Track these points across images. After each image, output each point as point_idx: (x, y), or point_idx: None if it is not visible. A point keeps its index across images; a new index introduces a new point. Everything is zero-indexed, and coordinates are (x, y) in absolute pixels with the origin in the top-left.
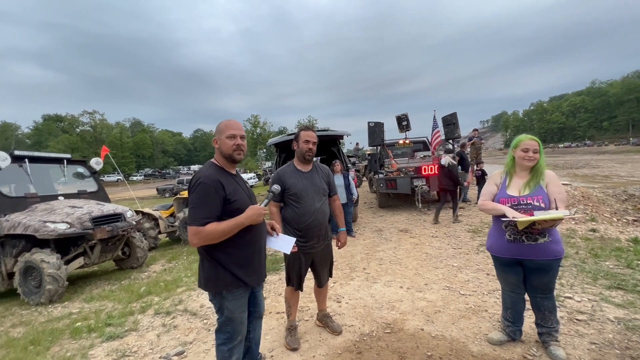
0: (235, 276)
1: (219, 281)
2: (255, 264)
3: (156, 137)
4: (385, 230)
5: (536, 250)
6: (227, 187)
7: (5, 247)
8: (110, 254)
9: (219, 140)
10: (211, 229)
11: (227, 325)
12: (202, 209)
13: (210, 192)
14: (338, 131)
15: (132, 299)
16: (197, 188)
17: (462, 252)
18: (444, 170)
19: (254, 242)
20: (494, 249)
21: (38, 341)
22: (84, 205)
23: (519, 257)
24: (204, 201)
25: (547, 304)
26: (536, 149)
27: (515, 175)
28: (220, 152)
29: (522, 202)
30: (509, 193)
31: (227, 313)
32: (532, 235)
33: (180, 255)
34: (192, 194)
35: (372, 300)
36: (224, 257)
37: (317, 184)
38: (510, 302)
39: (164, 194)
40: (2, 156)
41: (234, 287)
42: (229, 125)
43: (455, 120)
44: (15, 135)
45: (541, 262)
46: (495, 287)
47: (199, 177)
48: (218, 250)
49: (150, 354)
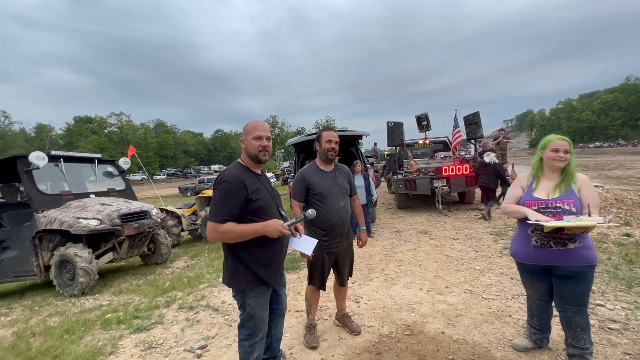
0: (256, 275)
1: (241, 278)
2: (277, 264)
3: (178, 138)
4: (404, 231)
5: (566, 256)
6: (249, 187)
7: (42, 241)
8: (136, 249)
9: (246, 141)
10: (227, 228)
11: (249, 322)
12: (222, 206)
13: (232, 191)
14: (357, 131)
15: (157, 294)
16: (221, 186)
17: (485, 255)
18: (489, 168)
19: (277, 242)
20: (519, 255)
21: (72, 330)
22: (113, 202)
23: (547, 264)
24: (225, 199)
25: (579, 320)
26: (567, 149)
27: (543, 177)
28: (247, 153)
29: (551, 205)
30: (536, 196)
31: (248, 310)
32: (561, 241)
33: (202, 253)
34: (215, 191)
35: (391, 302)
36: (247, 255)
37: (340, 184)
38: (537, 310)
39: (186, 193)
40: (40, 156)
41: (255, 285)
42: (256, 126)
43: (477, 119)
44: (49, 136)
45: (572, 269)
46: (520, 291)
47: (223, 175)
48: (241, 248)
49: (175, 346)
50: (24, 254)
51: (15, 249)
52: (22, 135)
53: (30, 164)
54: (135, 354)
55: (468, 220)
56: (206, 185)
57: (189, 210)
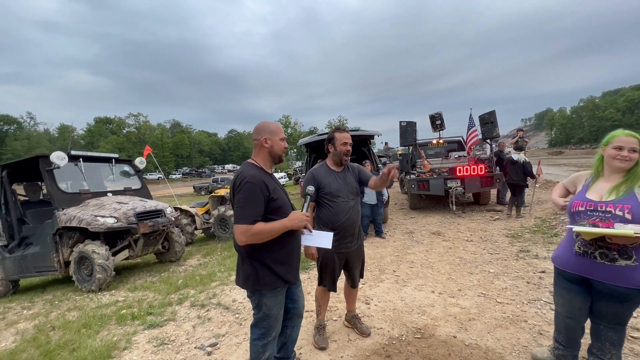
0: (275, 274)
1: (258, 279)
2: (294, 262)
3: (193, 138)
4: (416, 232)
5: (611, 272)
6: (269, 186)
7: (62, 238)
8: (151, 247)
9: (271, 140)
10: (259, 228)
11: (264, 321)
12: (250, 207)
13: (256, 191)
14: (369, 131)
15: (171, 291)
16: (244, 187)
17: (500, 257)
18: (517, 166)
19: (293, 240)
20: (557, 261)
21: (89, 325)
22: (129, 201)
23: (586, 275)
24: (252, 200)
25: (611, 336)
26: (634, 147)
27: (602, 177)
28: (270, 152)
29: (600, 209)
30: (588, 196)
31: (265, 310)
32: (610, 253)
33: (214, 251)
34: (239, 194)
35: (402, 304)
36: (267, 255)
37: (351, 184)
38: (564, 327)
39: (200, 192)
40: (61, 156)
41: (274, 286)
42: (280, 128)
43: (493, 118)
44: (71, 136)
45: (616, 288)
46: (536, 296)
47: (244, 176)
48: (261, 248)
49: (187, 343)
50: (45, 250)
51: (37, 245)
52: (46, 135)
53: (51, 164)
54: (148, 350)
55: (483, 222)
56: (219, 184)
57: (203, 209)
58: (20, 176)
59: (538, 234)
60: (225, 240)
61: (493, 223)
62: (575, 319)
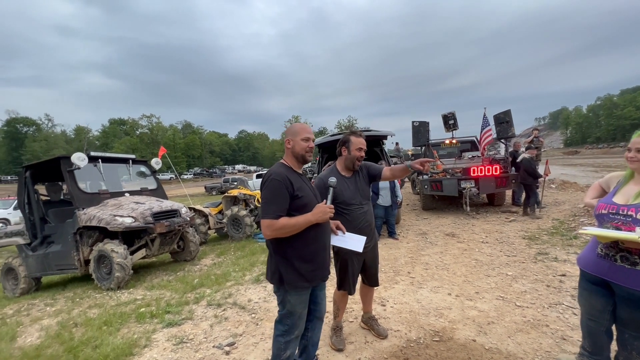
0: (297, 272)
1: (283, 277)
2: (320, 261)
3: (204, 138)
4: (430, 233)
5: (630, 276)
6: (294, 184)
7: (82, 237)
8: (167, 246)
9: (293, 141)
10: (283, 223)
11: (288, 318)
12: (274, 203)
13: (280, 187)
14: (382, 131)
15: (187, 290)
16: (269, 184)
17: (517, 260)
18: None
19: (320, 239)
20: (581, 261)
21: (110, 322)
22: (146, 201)
23: (605, 277)
24: (276, 196)
25: (637, 345)
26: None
27: (633, 180)
28: (293, 152)
29: (621, 213)
30: (614, 200)
31: (288, 307)
32: (630, 257)
33: (228, 251)
34: (265, 190)
35: (419, 306)
36: (291, 252)
37: (362, 188)
38: (587, 331)
39: (211, 192)
40: (81, 157)
41: (295, 284)
42: (304, 128)
43: (509, 118)
44: (87, 137)
45: (634, 292)
46: (558, 300)
47: (270, 174)
48: (286, 245)
49: (205, 342)
50: (66, 249)
51: (59, 244)
52: (63, 136)
53: (72, 165)
54: (167, 348)
55: (498, 223)
56: (231, 185)
57: (216, 209)
58: (43, 177)
59: (556, 236)
60: (238, 240)
61: (509, 224)
62: (597, 322)
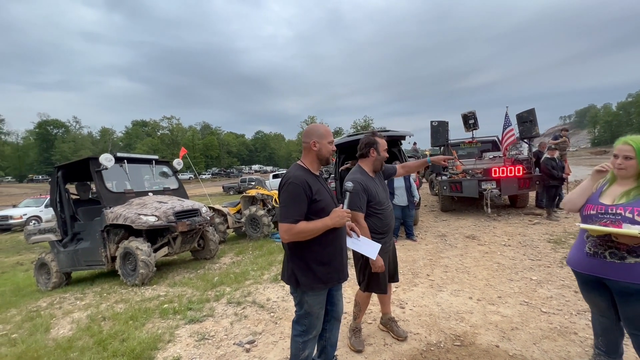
0: (314, 275)
1: (299, 278)
2: (337, 263)
3: (222, 139)
4: (449, 235)
5: (621, 270)
6: (313, 187)
7: (109, 234)
8: (188, 245)
9: (320, 144)
10: (302, 227)
11: (305, 319)
12: (293, 207)
13: (299, 191)
14: (400, 131)
15: (207, 287)
16: (288, 188)
17: (542, 264)
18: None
19: (336, 241)
20: (571, 262)
21: (135, 317)
22: (168, 201)
23: (599, 275)
24: (295, 200)
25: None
26: (628, 154)
27: (616, 182)
28: (319, 155)
29: (610, 212)
30: (601, 200)
31: (306, 307)
32: (618, 252)
33: (246, 250)
34: (284, 194)
35: (439, 309)
36: (308, 254)
37: (385, 187)
38: (600, 327)
39: (229, 192)
40: (109, 158)
41: (312, 286)
42: (329, 131)
43: (532, 117)
44: (111, 138)
45: (629, 285)
46: (586, 307)
47: (288, 177)
48: (303, 247)
49: (226, 339)
50: (94, 246)
51: (87, 241)
52: (89, 138)
53: (100, 165)
54: (190, 344)
55: (521, 226)
56: (248, 185)
57: (234, 209)
58: (73, 176)
59: None
60: (256, 239)
61: (532, 227)
62: (608, 318)
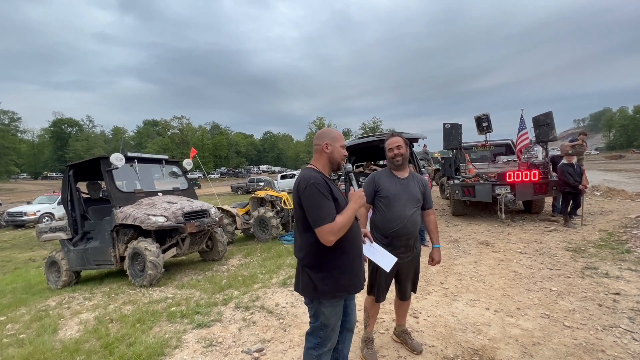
0: (336, 282)
1: (317, 288)
2: (357, 269)
3: (231, 139)
4: (461, 241)
5: None
6: (332, 188)
7: (119, 234)
8: (197, 246)
9: (332, 146)
10: (341, 221)
11: (320, 331)
12: (325, 207)
13: (324, 191)
14: (413, 134)
15: (215, 290)
16: (312, 190)
17: (562, 274)
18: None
19: (356, 244)
20: None
21: (143, 320)
22: (177, 201)
23: None
24: (323, 200)
25: None
26: None
27: None
28: (331, 158)
29: None
30: None
31: (322, 319)
32: None
33: (254, 252)
34: (310, 197)
35: (454, 320)
36: (328, 261)
37: (412, 192)
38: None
39: (237, 192)
40: (119, 157)
41: (333, 294)
42: (342, 136)
43: (550, 120)
44: (123, 137)
45: None
46: (613, 322)
47: (307, 180)
48: (321, 254)
49: (234, 346)
50: (104, 245)
51: (97, 240)
52: (102, 136)
53: (111, 164)
54: (197, 350)
55: (537, 233)
56: (257, 185)
57: (243, 210)
58: (84, 175)
59: (605, 249)
60: (265, 241)
61: (549, 234)
62: None
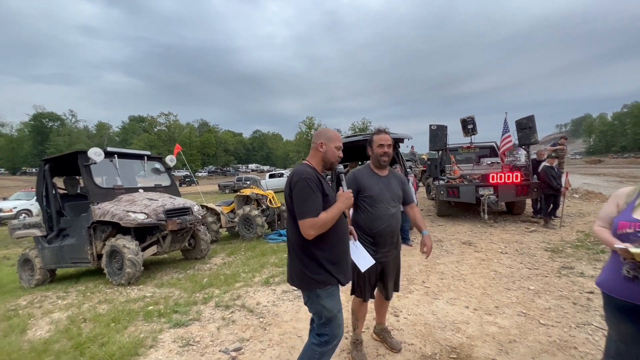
0: (327, 271)
1: (311, 277)
2: (344, 263)
3: (220, 137)
4: (445, 241)
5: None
6: (323, 184)
7: (96, 231)
8: (178, 244)
9: (327, 146)
10: (325, 218)
11: (327, 327)
12: (312, 201)
13: (313, 187)
14: (399, 134)
15: (196, 289)
16: (302, 184)
17: (540, 273)
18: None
19: (343, 241)
20: (604, 285)
21: (118, 320)
22: (159, 198)
23: (637, 301)
24: (311, 195)
25: None
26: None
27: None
28: (324, 157)
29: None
30: (635, 216)
31: (326, 313)
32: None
33: (238, 251)
34: (299, 191)
35: (434, 318)
36: (319, 253)
37: (394, 189)
38: (615, 352)
39: (225, 190)
40: (98, 152)
41: (327, 282)
42: (338, 137)
43: (532, 123)
44: (107, 133)
45: None
46: (586, 320)
47: (300, 174)
48: (313, 247)
49: (211, 345)
50: (80, 242)
51: (73, 237)
52: (85, 132)
53: (89, 159)
54: (173, 350)
55: (518, 233)
56: (244, 184)
57: (228, 208)
58: (61, 170)
59: (581, 250)
60: (249, 240)
61: (529, 235)
62: (629, 345)
